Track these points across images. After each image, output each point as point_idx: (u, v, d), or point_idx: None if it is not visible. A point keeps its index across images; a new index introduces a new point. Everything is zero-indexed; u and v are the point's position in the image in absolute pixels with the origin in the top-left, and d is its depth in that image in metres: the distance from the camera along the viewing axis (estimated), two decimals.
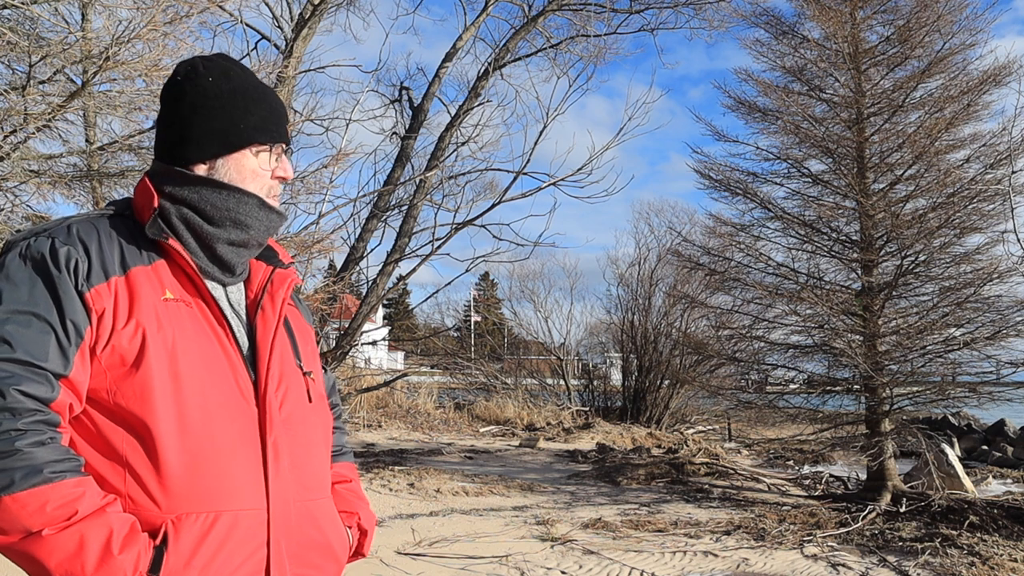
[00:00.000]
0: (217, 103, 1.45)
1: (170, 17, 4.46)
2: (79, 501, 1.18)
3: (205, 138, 1.45)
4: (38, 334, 1.23)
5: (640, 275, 18.99)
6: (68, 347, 1.25)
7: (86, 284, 1.28)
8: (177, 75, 1.49)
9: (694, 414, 18.29)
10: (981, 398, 8.18)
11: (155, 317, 1.31)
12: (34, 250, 1.29)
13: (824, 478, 9.84)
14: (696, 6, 11.96)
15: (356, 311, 10.59)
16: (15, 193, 5.09)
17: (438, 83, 11.68)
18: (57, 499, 1.17)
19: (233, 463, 1.32)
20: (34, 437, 1.18)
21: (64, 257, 1.28)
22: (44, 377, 1.22)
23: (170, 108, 1.48)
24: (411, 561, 5.61)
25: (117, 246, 1.35)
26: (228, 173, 1.45)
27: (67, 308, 1.26)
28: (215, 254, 1.45)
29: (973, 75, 8.64)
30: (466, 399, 19.49)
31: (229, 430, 1.33)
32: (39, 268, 1.27)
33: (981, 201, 8.11)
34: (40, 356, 1.22)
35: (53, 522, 1.16)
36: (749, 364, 9.80)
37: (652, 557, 5.96)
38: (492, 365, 22.16)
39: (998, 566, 5.62)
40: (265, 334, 1.45)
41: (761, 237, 9.53)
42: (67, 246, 1.29)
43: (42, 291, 1.26)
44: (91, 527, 1.18)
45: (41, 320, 1.24)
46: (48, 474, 1.17)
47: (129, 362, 1.28)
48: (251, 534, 1.31)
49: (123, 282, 1.32)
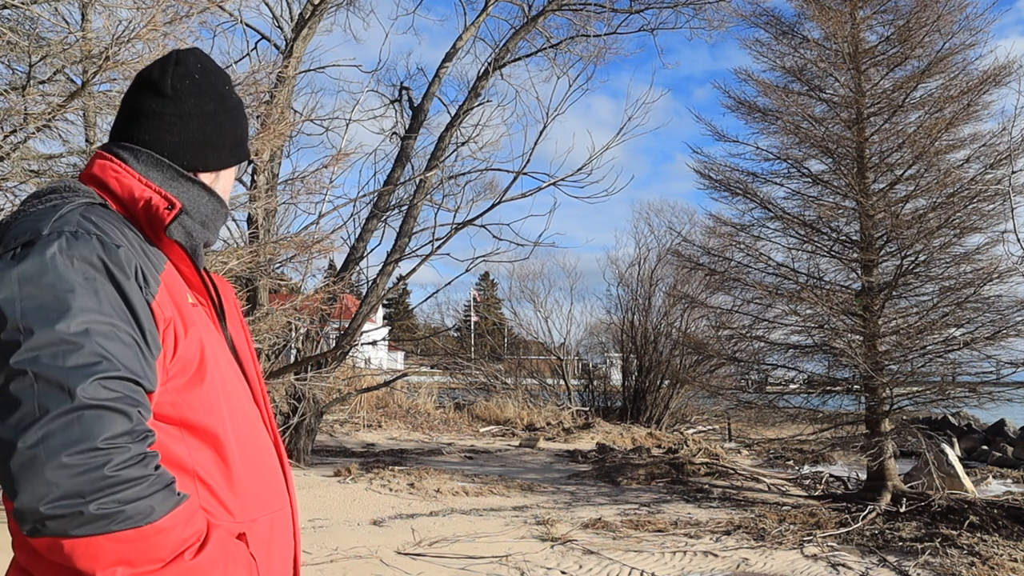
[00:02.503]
0: (235, 115, 1.43)
1: (170, 17, 4.46)
2: (202, 520, 1.16)
3: (225, 148, 1.42)
4: (125, 347, 1.11)
5: (640, 275, 19.01)
6: (151, 360, 1.15)
7: (149, 293, 1.18)
8: (196, 76, 1.38)
9: (694, 414, 18.29)
10: (981, 398, 8.18)
11: (199, 324, 1.28)
12: (84, 250, 1.13)
13: (824, 478, 9.84)
14: (696, 6, 11.95)
15: (356, 311, 10.59)
16: (15, 193, 5.09)
17: (438, 83, 11.67)
18: (195, 523, 1.14)
19: (272, 467, 1.40)
20: (157, 459, 1.12)
21: (125, 259, 1.16)
22: (142, 394, 1.13)
23: (188, 103, 1.36)
24: (411, 561, 5.61)
25: (138, 247, 1.23)
26: (224, 185, 1.47)
27: (143, 319, 1.15)
28: (197, 256, 1.42)
29: (973, 75, 8.65)
30: (466, 399, 19.49)
31: (261, 436, 1.39)
32: (104, 273, 1.13)
33: (981, 201, 8.12)
34: (139, 372, 1.12)
35: (190, 545, 1.12)
36: (749, 364, 9.80)
37: (652, 557, 5.96)
38: (492, 365, 22.16)
39: (998, 566, 5.62)
40: (244, 337, 1.49)
41: (761, 237, 9.53)
42: (121, 247, 1.16)
43: (113, 298, 1.12)
44: (227, 548, 1.18)
45: (123, 332, 1.12)
46: (182, 496, 1.13)
47: (190, 372, 1.23)
48: (287, 530, 1.40)
49: (165, 290, 1.23)
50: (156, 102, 1.35)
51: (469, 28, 11.67)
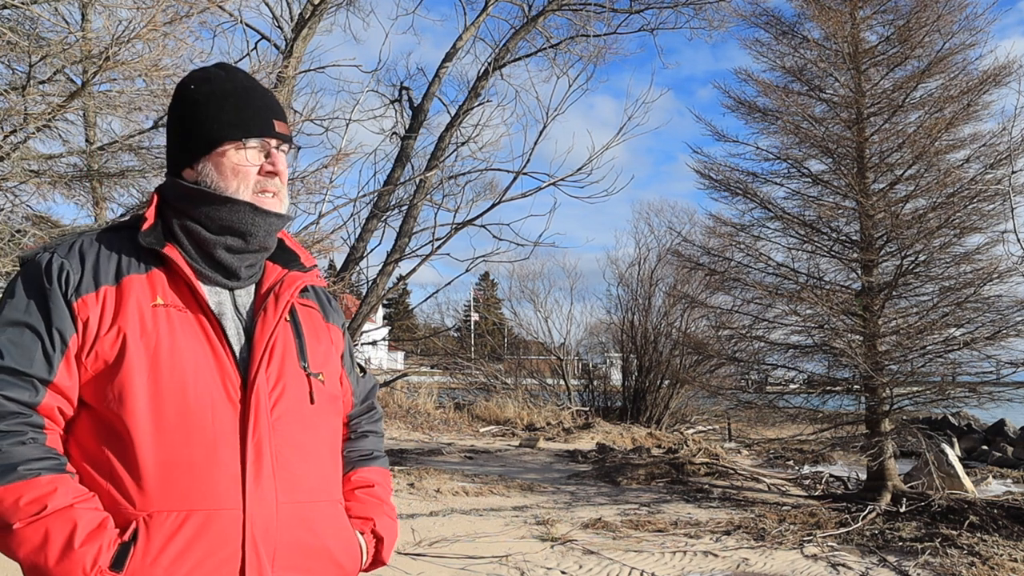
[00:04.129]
0: (195, 108, 1.49)
1: (170, 17, 4.46)
2: (50, 497, 1.25)
3: (189, 143, 1.49)
4: (28, 343, 1.31)
5: (640, 275, 19.01)
6: (53, 354, 1.32)
7: (75, 294, 1.35)
8: (175, 90, 1.55)
9: (694, 414, 18.29)
10: (981, 398, 8.17)
11: (139, 322, 1.36)
12: (34, 266, 1.38)
13: (824, 478, 9.84)
14: (696, 6, 11.98)
15: (356, 311, 10.60)
16: (15, 193, 5.09)
17: (438, 83, 11.68)
18: (30, 495, 1.24)
19: (209, 463, 1.32)
20: (15, 437, 1.26)
21: (56, 270, 1.36)
22: (29, 382, 1.30)
23: (168, 122, 1.57)
24: (411, 561, 5.61)
25: (115, 258, 1.41)
26: (210, 174, 1.47)
27: (55, 317, 1.33)
28: (215, 260, 1.46)
29: (973, 75, 8.64)
30: (466, 399, 19.49)
31: (207, 430, 1.34)
32: (35, 281, 1.36)
33: (981, 201, 8.11)
34: (25, 364, 1.30)
35: (24, 516, 1.24)
36: (749, 364, 9.80)
37: (652, 557, 5.96)
38: (492, 365, 22.17)
39: (998, 566, 5.62)
40: (262, 335, 1.44)
41: (761, 237, 9.53)
42: (62, 259, 1.37)
43: (35, 303, 1.34)
44: (56, 521, 1.24)
45: (31, 330, 1.32)
46: (23, 471, 1.25)
47: (109, 364, 1.33)
48: (225, 534, 1.31)
49: (113, 291, 1.38)
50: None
51: (469, 28, 11.67)
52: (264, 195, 1.49)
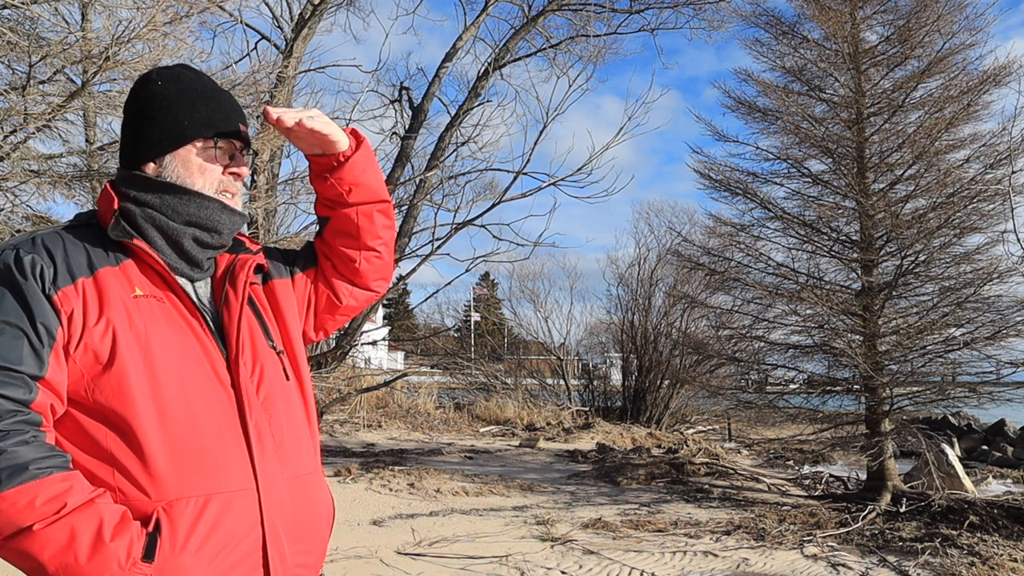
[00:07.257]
0: (164, 104, 1.49)
1: (170, 17, 4.46)
2: (68, 495, 1.22)
3: (153, 137, 1.49)
4: (11, 340, 1.27)
5: (640, 275, 19.00)
6: (41, 349, 1.29)
7: (53, 288, 1.32)
8: (134, 86, 1.55)
9: (694, 414, 18.28)
10: (981, 398, 8.17)
11: (125, 314, 1.35)
12: (1, 264, 1.33)
13: (824, 478, 9.84)
14: (696, 6, 11.98)
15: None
16: (15, 193, 5.09)
17: (438, 83, 11.68)
18: (46, 494, 1.20)
19: (218, 447, 1.35)
20: (17, 437, 1.22)
21: (29, 264, 1.32)
22: (21, 380, 1.26)
23: (126, 116, 1.54)
24: (411, 561, 5.61)
25: (83, 251, 1.39)
26: (176, 169, 1.48)
27: (36, 312, 1.29)
28: (183, 250, 1.48)
29: (973, 75, 8.64)
30: (466, 399, 19.48)
31: (210, 416, 1.36)
32: (6, 278, 1.32)
33: (981, 201, 8.11)
34: (14, 360, 1.26)
35: (43, 517, 1.19)
36: (749, 364, 9.80)
37: (652, 557, 5.96)
38: (492, 365, 22.16)
39: (998, 566, 5.62)
40: (231, 321, 1.48)
41: (761, 237, 9.53)
42: (31, 254, 1.33)
43: (11, 299, 1.30)
44: (81, 518, 1.21)
45: (12, 326, 1.28)
46: (34, 470, 1.21)
47: (103, 359, 1.31)
48: (244, 514, 1.34)
49: (91, 283, 1.35)
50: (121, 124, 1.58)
51: (469, 28, 11.68)
52: (225, 195, 1.52)
